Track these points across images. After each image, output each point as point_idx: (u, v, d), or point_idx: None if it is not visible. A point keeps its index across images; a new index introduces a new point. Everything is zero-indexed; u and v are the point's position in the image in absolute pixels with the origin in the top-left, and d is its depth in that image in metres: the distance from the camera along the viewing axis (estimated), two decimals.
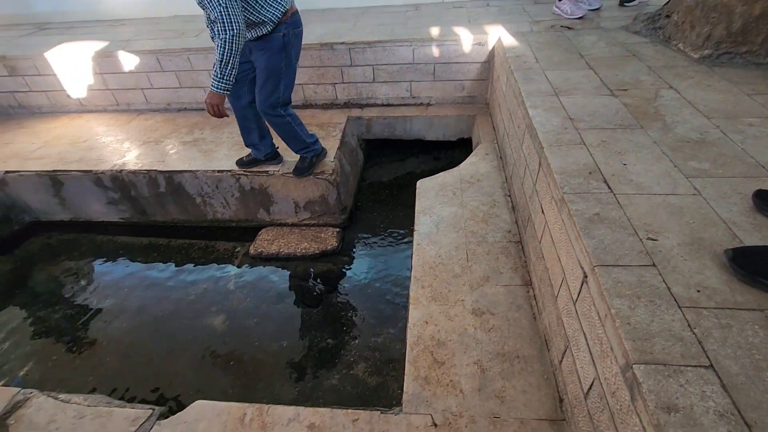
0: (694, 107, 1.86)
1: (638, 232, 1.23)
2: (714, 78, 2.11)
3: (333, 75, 3.28)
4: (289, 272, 2.63)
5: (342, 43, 3.12)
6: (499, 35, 2.94)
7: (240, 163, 2.73)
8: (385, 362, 2.02)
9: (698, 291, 1.05)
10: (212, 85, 1.94)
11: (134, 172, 2.80)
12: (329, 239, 2.72)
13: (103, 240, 3.03)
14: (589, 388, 1.17)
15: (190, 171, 2.76)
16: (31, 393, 1.63)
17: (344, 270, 2.62)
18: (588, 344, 1.18)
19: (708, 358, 0.91)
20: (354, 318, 2.29)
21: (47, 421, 1.53)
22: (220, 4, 1.78)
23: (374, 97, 3.36)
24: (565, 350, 1.37)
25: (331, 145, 2.88)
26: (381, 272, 2.57)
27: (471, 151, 2.93)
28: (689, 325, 0.98)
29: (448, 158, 3.45)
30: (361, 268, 2.62)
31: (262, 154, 2.66)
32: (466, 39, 3.02)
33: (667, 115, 1.82)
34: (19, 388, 1.64)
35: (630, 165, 1.52)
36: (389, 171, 3.50)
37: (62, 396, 1.64)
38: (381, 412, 1.45)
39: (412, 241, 2.17)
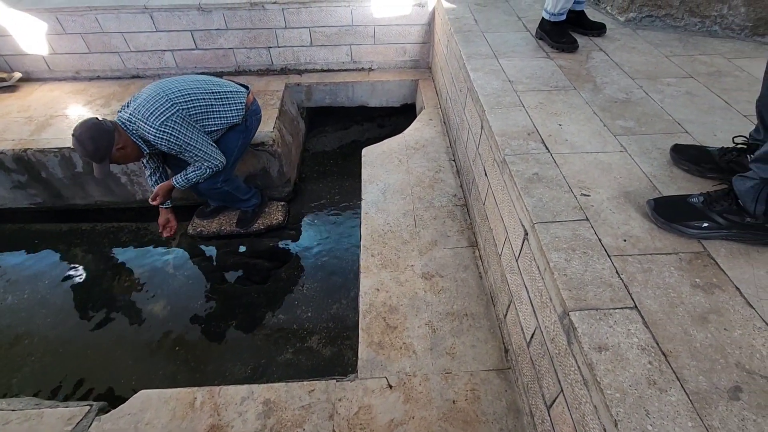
0: (620, 68, 1.96)
1: (573, 189, 1.30)
2: (638, 41, 2.23)
3: (266, 38, 3.06)
4: (232, 251, 2.52)
5: (274, 2, 2.89)
6: None
7: (241, 224, 2.57)
8: (339, 332, 2.03)
9: (624, 240, 1.13)
10: (177, 182, 2.11)
11: (42, 151, 2.48)
12: (274, 214, 2.62)
13: (13, 228, 2.69)
14: (531, 337, 1.25)
15: None
16: None
17: (292, 244, 2.56)
18: (529, 297, 1.25)
19: (632, 299, 0.99)
20: (305, 291, 2.26)
21: None
22: (198, 156, 1.99)
23: (313, 62, 3.20)
24: (509, 304, 1.44)
25: (269, 114, 2.72)
26: (330, 244, 2.53)
27: (415, 117, 2.91)
28: (617, 272, 1.06)
29: (392, 125, 3.41)
30: (309, 241, 2.57)
31: (252, 206, 2.56)
32: (406, 0, 2.92)
33: (598, 76, 1.90)
34: None
35: (565, 125, 1.58)
36: (333, 140, 3.40)
37: None
38: (337, 380, 1.46)
39: (359, 211, 2.14)
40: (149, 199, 2.18)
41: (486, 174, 1.70)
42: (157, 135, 1.87)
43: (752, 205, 1.05)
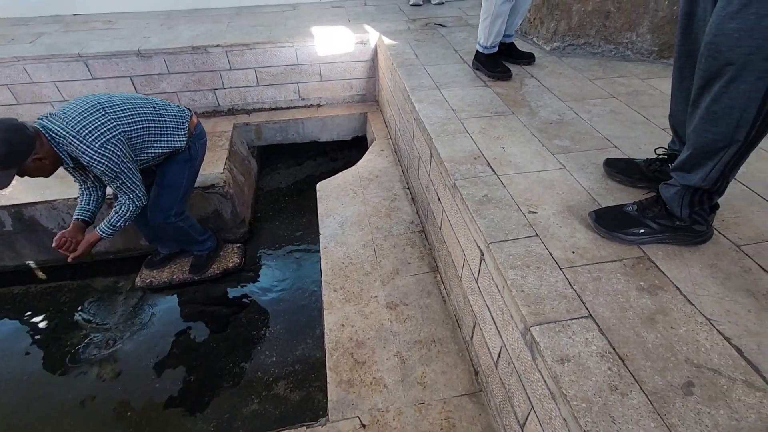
0: (551, 93, 2.11)
1: (521, 207, 1.36)
2: (564, 67, 2.43)
3: (211, 80, 3.04)
4: (187, 300, 2.38)
5: (217, 45, 2.90)
6: (379, 34, 3.01)
7: (194, 270, 2.42)
8: (307, 374, 1.95)
9: (573, 252, 1.19)
10: (103, 232, 1.86)
11: None
12: (230, 257, 2.52)
13: None
14: (498, 356, 1.25)
15: (45, 202, 2.32)
16: None
17: (251, 287, 2.46)
18: (492, 316, 1.26)
19: (587, 309, 1.04)
20: (267, 335, 2.16)
21: None
22: (126, 185, 1.77)
23: (261, 101, 3.21)
24: (474, 326, 1.45)
25: (218, 155, 2.67)
26: (291, 282, 2.46)
27: (367, 149, 2.96)
28: (570, 283, 1.10)
29: (345, 158, 3.45)
30: (268, 281, 2.49)
31: (206, 250, 2.43)
32: (348, 38, 3.03)
33: (532, 101, 2.04)
34: None
35: (507, 148, 1.67)
36: (287, 176, 3.38)
37: None
38: (306, 427, 1.39)
39: (318, 246, 2.11)
40: (68, 257, 1.83)
41: (439, 199, 1.74)
42: (94, 158, 1.63)
43: (678, 210, 1.15)
